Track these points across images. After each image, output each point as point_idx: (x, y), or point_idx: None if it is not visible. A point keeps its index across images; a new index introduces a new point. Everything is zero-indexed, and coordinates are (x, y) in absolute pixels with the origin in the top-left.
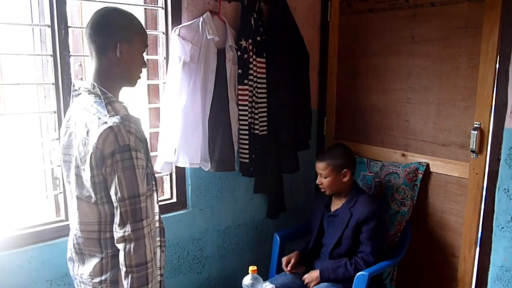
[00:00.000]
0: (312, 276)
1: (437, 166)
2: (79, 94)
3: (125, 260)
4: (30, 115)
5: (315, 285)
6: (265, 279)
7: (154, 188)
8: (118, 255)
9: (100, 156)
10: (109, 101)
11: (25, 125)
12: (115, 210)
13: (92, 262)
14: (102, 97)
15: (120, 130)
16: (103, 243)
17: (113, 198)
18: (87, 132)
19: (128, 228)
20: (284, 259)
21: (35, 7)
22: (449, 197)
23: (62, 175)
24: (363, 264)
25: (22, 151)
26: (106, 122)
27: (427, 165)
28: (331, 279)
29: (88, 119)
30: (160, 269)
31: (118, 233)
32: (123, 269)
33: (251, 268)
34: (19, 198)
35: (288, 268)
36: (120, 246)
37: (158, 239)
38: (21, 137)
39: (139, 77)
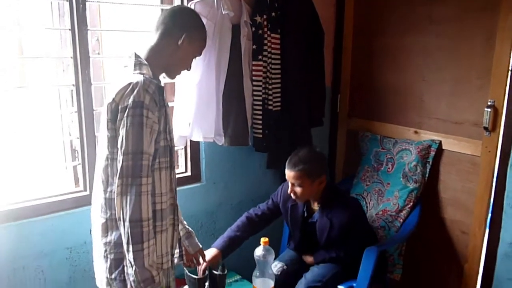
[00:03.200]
0: (306, 260)
1: (450, 144)
2: (126, 66)
3: (121, 214)
4: (50, 88)
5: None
6: (276, 253)
7: (170, 164)
8: None
9: (114, 109)
10: (140, 63)
11: (44, 99)
12: (117, 164)
13: (99, 223)
14: (135, 59)
15: (138, 87)
16: (107, 203)
17: (119, 151)
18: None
19: (126, 181)
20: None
21: None
22: (461, 175)
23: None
24: (351, 254)
25: (42, 124)
26: (128, 79)
27: (440, 142)
28: (326, 260)
29: (119, 80)
30: (172, 248)
31: (117, 186)
32: (119, 224)
33: (262, 239)
34: (39, 169)
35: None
36: (117, 199)
37: (171, 217)
38: (41, 110)
39: (179, 73)
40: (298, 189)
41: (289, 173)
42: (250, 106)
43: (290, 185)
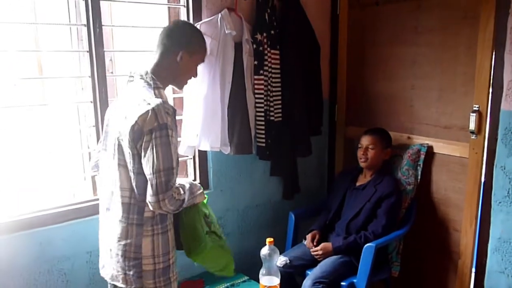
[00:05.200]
0: (325, 248)
1: (440, 147)
2: (131, 81)
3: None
4: (69, 106)
5: (327, 257)
6: (281, 253)
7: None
8: (142, 224)
9: (137, 132)
10: (157, 87)
11: (65, 115)
12: (149, 182)
13: (120, 227)
14: (151, 83)
15: (160, 111)
16: (131, 208)
17: (148, 170)
18: (131, 108)
19: (163, 196)
20: (309, 236)
21: (73, 8)
22: (451, 176)
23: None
24: (372, 237)
25: (62, 138)
26: (149, 104)
27: (429, 146)
28: (342, 251)
29: (135, 99)
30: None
31: (153, 203)
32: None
33: (268, 239)
34: (60, 179)
35: (314, 243)
36: (160, 210)
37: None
38: (61, 126)
39: (186, 83)
40: (371, 152)
41: (367, 137)
42: (253, 117)
43: (363, 149)
